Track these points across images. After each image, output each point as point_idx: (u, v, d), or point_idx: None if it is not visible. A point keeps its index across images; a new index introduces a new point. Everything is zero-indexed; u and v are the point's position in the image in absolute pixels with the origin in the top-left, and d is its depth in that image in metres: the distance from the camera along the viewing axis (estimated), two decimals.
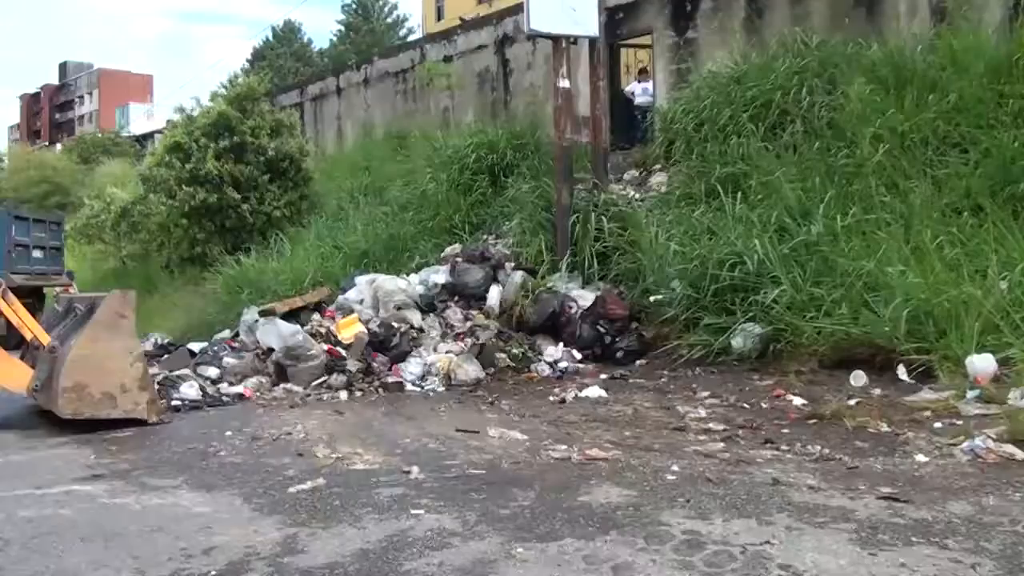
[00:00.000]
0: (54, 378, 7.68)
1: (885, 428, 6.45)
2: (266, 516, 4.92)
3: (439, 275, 11.23)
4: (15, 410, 8.91)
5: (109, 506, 5.32)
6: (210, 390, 9.13)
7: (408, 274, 11.89)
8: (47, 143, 75.66)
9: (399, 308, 10.49)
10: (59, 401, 7.55)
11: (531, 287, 10.94)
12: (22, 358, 8.28)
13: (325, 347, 9.55)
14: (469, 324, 10.52)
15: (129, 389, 7.72)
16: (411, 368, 9.58)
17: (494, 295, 11.00)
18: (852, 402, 7.22)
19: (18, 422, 8.24)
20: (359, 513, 4.87)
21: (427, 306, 10.82)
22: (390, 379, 9.39)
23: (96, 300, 8.32)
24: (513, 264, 11.54)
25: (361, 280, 11.37)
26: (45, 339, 8.05)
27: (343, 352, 9.60)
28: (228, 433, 7.30)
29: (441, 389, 9.21)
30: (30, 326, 8.08)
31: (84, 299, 8.87)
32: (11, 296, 8.00)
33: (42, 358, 7.96)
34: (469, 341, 10.13)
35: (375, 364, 9.59)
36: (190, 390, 8.99)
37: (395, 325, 10.12)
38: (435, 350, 9.97)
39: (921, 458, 5.66)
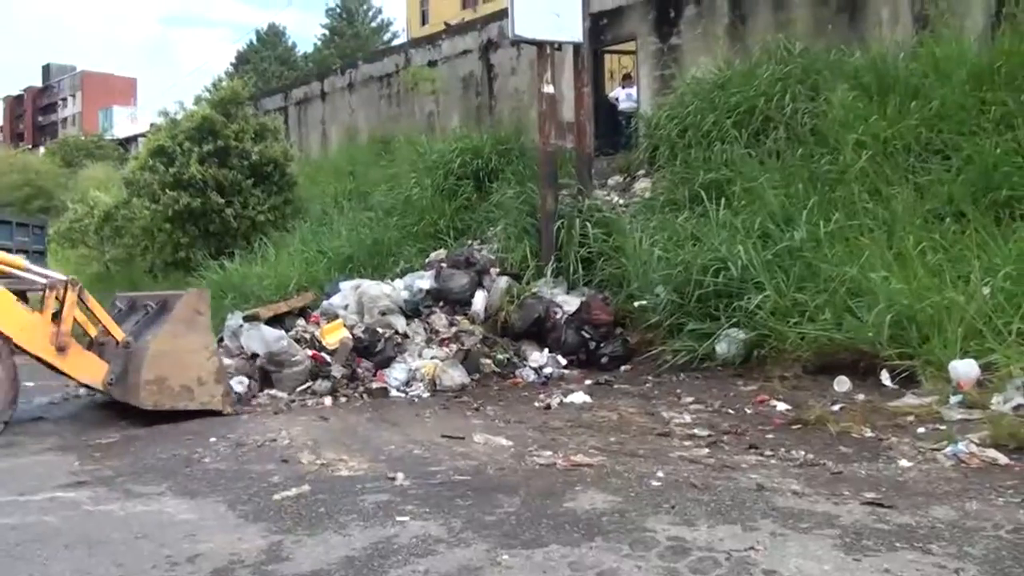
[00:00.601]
0: (133, 372, 8.01)
1: (869, 433, 6.48)
2: (251, 523, 4.90)
3: (424, 280, 11.22)
4: None
5: (93, 513, 5.29)
6: None
7: (393, 279, 11.87)
8: (30, 146, 75.25)
9: (384, 313, 10.47)
10: (141, 393, 7.91)
11: (516, 293, 10.95)
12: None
13: (310, 353, 9.52)
14: (454, 330, 10.52)
15: (206, 382, 8.17)
16: (396, 374, 9.56)
17: (479, 301, 10.99)
18: (836, 407, 7.25)
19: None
20: (344, 520, 4.85)
21: (412, 311, 10.80)
22: (375, 385, 9.36)
23: (168, 298, 8.76)
24: (498, 270, 11.55)
25: (346, 285, 11.35)
26: (119, 335, 8.30)
27: (328, 358, 9.57)
28: (212, 439, 7.26)
29: (426, 395, 9.20)
30: (104, 322, 8.34)
31: (152, 297, 9.24)
32: (87, 294, 8.24)
33: (116, 353, 8.24)
34: (454, 347, 10.12)
35: (360, 370, 9.57)
36: None
37: (380, 331, 10.11)
38: (420, 356, 9.95)
39: (904, 463, 5.69)
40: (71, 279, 8.18)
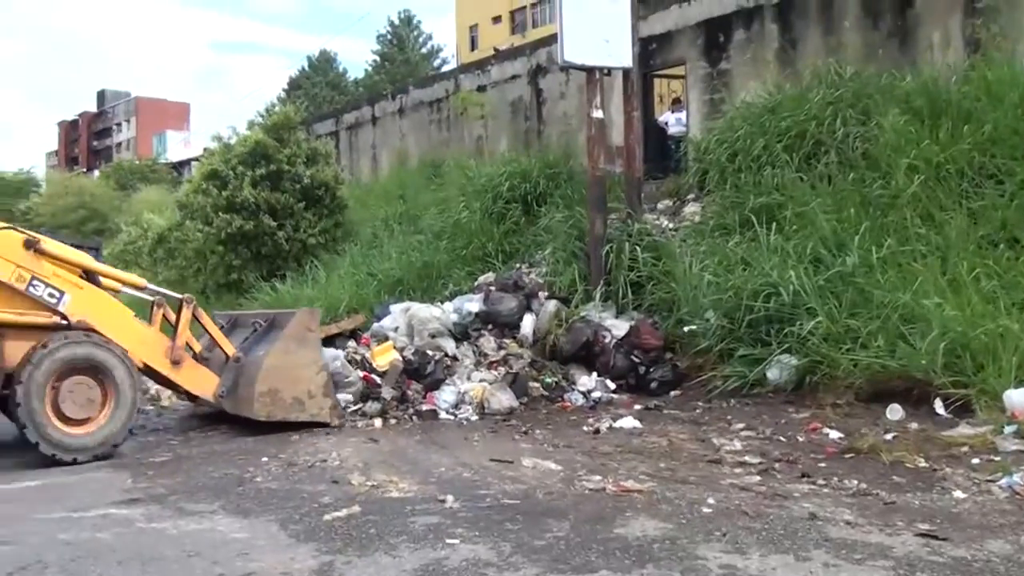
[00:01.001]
0: (245, 385, 8.52)
1: (922, 463, 6.40)
2: (302, 543, 4.95)
3: (473, 303, 11.26)
4: None
5: (146, 530, 5.38)
6: None
7: (442, 302, 11.94)
8: (85, 169, 76.74)
9: (433, 336, 10.54)
10: (255, 405, 8.42)
11: (564, 316, 10.95)
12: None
13: (361, 374, 9.60)
14: (503, 353, 10.55)
15: (315, 395, 8.67)
16: (445, 396, 9.60)
17: (527, 324, 11.01)
18: (889, 436, 7.16)
19: None
20: (395, 542, 4.89)
21: (461, 334, 10.85)
22: (424, 407, 9.41)
23: (277, 316, 9.35)
24: (547, 293, 11.57)
25: (396, 308, 11.44)
26: (231, 350, 8.76)
27: (378, 379, 9.65)
28: (264, 459, 7.36)
29: (474, 418, 9.23)
30: (217, 338, 8.79)
31: (258, 315, 9.81)
32: (200, 311, 8.68)
33: (228, 367, 8.69)
34: (503, 370, 10.15)
35: (410, 392, 9.64)
36: None
37: (430, 353, 10.17)
38: (469, 378, 9.99)
39: (959, 494, 5.61)
40: (186, 297, 8.65)
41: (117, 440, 7.85)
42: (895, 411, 7.75)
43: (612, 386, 10.18)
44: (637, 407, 9.41)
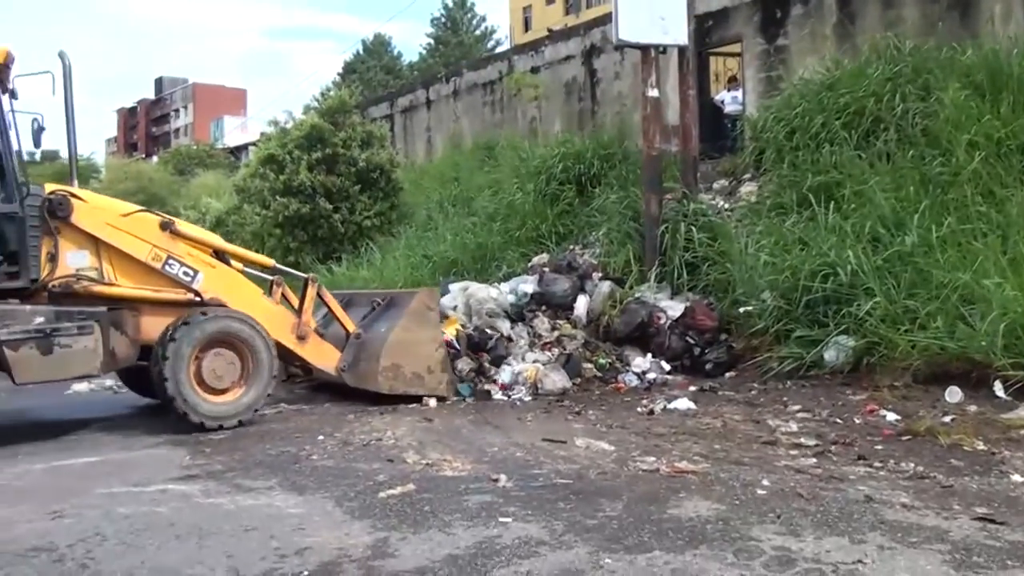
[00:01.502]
0: (367, 359, 9.10)
1: (981, 446, 6.30)
2: (357, 519, 5.02)
3: (528, 284, 11.27)
4: (115, 411, 9.28)
5: (204, 505, 5.49)
6: None
7: (497, 283, 11.96)
8: (144, 155, 77.90)
9: (490, 316, 10.58)
10: (378, 379, 9.00)
11: (619, 297, 10.93)
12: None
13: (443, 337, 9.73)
14: (556, 334, 10.55)
15: (434, 371, 9.19)
16: (501, 377, 9.66)
17: (581, 305, 11.00)
18: (947, 419, 7.06)
19: (120, 423, 8.56)
20: (448, 519, 4.94)
21: (516, 315, 10.88)
22: (497, 377, 9.63)
23: (395, 296, 9.94)
24: (600, 274, 11.53)
25: (454, 287, 11.48)
26: (352, 327, 9.30)
27: (456, 344, 9.89)
28: (320, 437, 7.47)
29: (528, 398, 9.27)
30: (340, 316, 9.34)
31: (377, 294, 10.26)
32: (324, 289, 9.30)
33: (349, 343, 9.23)
34: (556, 351, 10.16)
35: (486, 364, 9.82)
36: None
37: (489, 331, 10.25)
38: (523, 359, 10.02)
39: (1017, 478, 5.52)
40: (311, 276, 9.24)
41: (256, 407, 8.32)
42: (954, 393, 7.63)
43: (667, 367, 10.14)
44: (692, 388, 9.37)
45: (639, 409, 8.47)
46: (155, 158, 63.72)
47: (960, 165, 9.76)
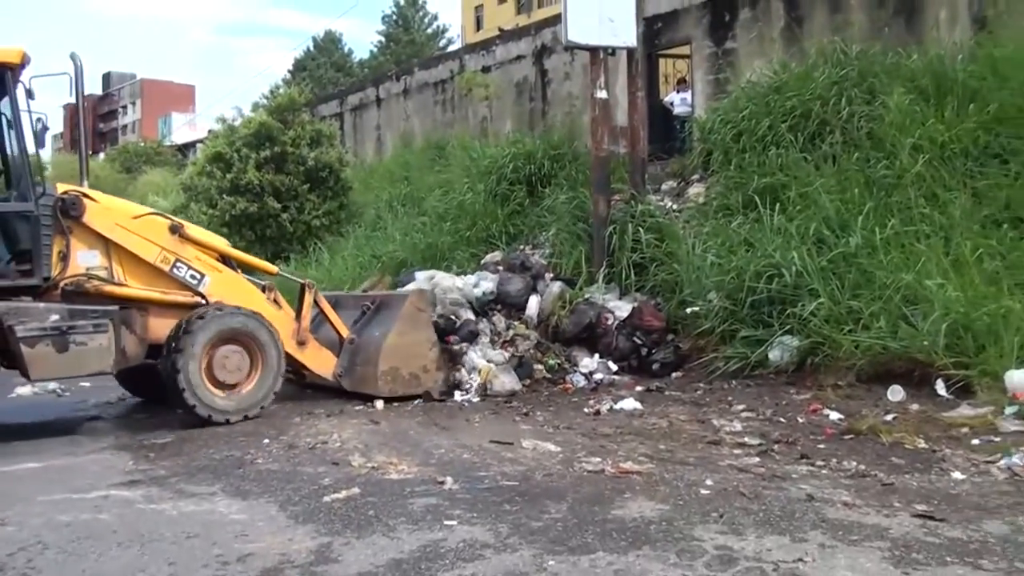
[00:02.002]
0: (364, 364, 9.25)
1: (922, 444, 6.41)
2: (301, 524, 4.97)
3: (488, 282, 11.20)
4: (59, 415, 9.11)
5: (146, 511, 5.41)
6: None
7: (462, 275, 11.89)
8: (90, 152, 76.60)
9: (453, 305, 10.53)
10: (378, 383, 9.09)
11: (568, 298, 10.94)
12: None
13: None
14: (511, 332, 10.53)
15: (429, 370, 9.36)
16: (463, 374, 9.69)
17: (533, 305, 10.99)
18: (889, 417, 7.17)
19: (63, 428, 8.41)
20: (393, 523, 4.91)
21: (480, 309, 10.84)
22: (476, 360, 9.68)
23: (384, 299, 10.05)
24: (552, 275, 11.54)
25: (421, 275, 11.39)
26: (345, 332, 9.45)
27: None
28: (265, 441, 7.39)
29: (476, 399, 9.24)
30: (333, 321, 9.46)
31: (364, 297, 10.42)
32: (319, 295, 9.42)
33: (344, 349, 9.40)
34: (511, 350, 10.15)
35: (455, 347, 9.81)
36: None
37: (453, 317, 10.26)
38: (486, 353, 9.99)
39: (957, 475, 5.62)
40: (308, 282, 9.39)
41: (264, 403, 8.48)
42: (896, 392, 7.75)
43: (614, 368, 10.17)
44: (638, 388, 9.41)
45: (586, 410, 8.49)
46: (102, 155, 62.73)
47: (904, 168, 9.91)
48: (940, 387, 7.54)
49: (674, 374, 9.97)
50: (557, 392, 9.54)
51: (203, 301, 8.51)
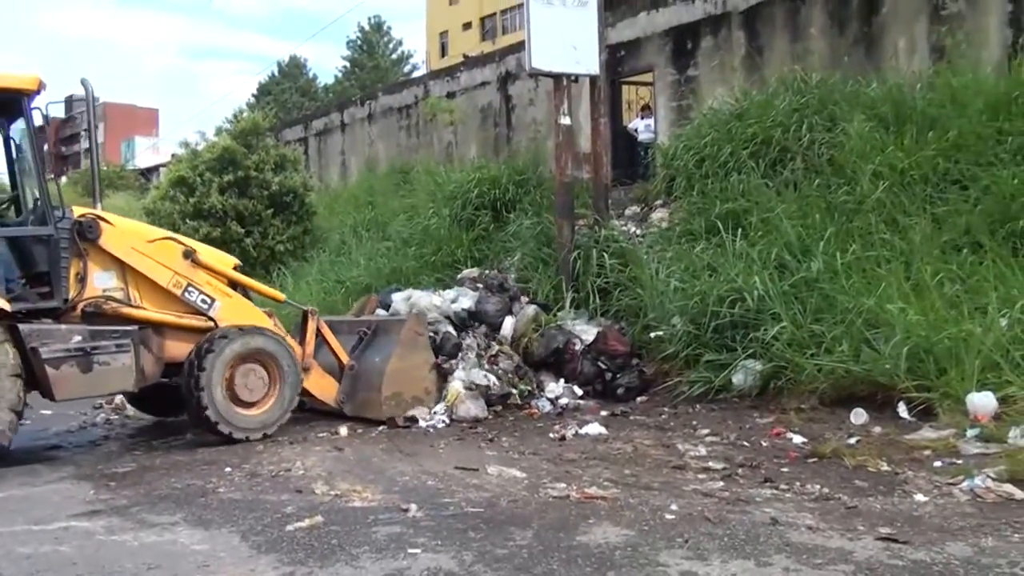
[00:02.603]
0: (366, 390, 9.42)
1: (885, 467, 6.44)
2: (263, 554, 4.91)
3: (467, 299, 11.12)
4: (16, 444, 8.93)
5: (106, 543, 5.32)
6: None
7: (440, 291, 11.80)
8: (52, 176, 75.77)
9: (432, 323, 10.45)
10: (382, 408, 9.23)
11: (542, 321, 10.92)
12: None
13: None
14: (496, 348, 10.51)
15: (431, 391, 9.55)
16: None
17: (508, 326, 10.92)
18: (852, 440, 7.21)
19: (20, 457, 8.24)
20: (356, 552, 4.85)
21: (460, 324, 10.80)
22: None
23: (380, 323, 10.07)
24: (528, 298, 11.52)
25: (397, 297, 11.29)
26: (345, 358, 9.59)
27: None
28: (227, 469, 7.30)
29: (441, 425, 9.18)
30: (335, 347, 9.59)
31: (359, 323, 10.34)
32: (322, 322, 9.58)
33: (345, 375, 9.57)
34: (495, 367, 10.16)
35: (444, 365, 9.85)
36: None
37: (433, 334, 10.21)
38: (472, 370, 10.00)
39: (920, 498, 5.65)
40: (311, 309, 9.59)
41: (282, 421, 8.72)
42: (859, 415, 7.81)
43: (579, 392, 10.16)
44: (603, 413, 9.41)
45: (551, 435, 8.46)
46: (64, 179, 62.13)
47: (864, 194, 10.03)
48: (902, 410, 7.61)
49: (639, 398, 9.99)
50: (523, 417, 9.50)
51: (214, 325, 8.69)
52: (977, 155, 9.79)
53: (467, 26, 58.88)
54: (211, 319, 8.74)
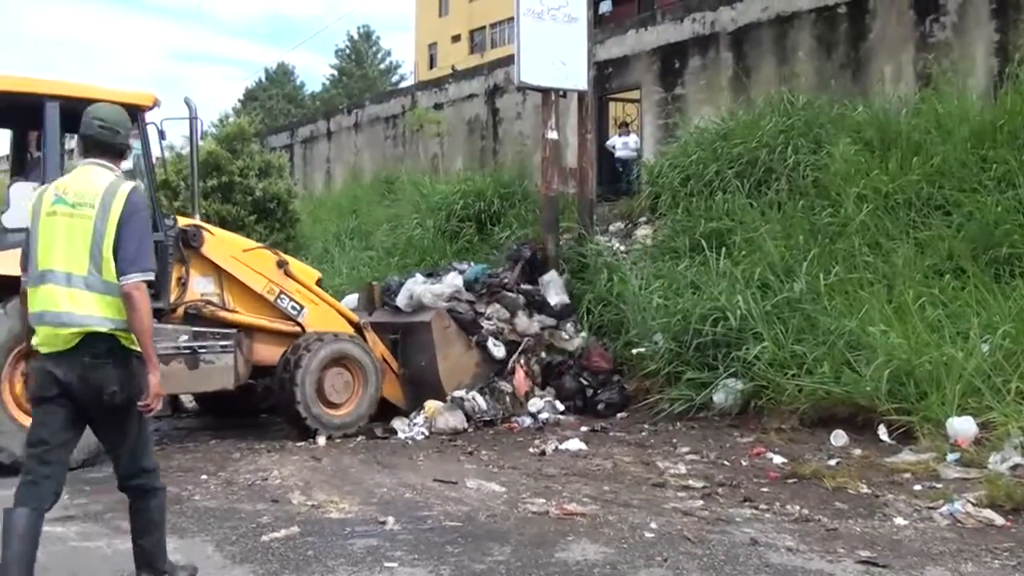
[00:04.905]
0: (431, 392, 9.81)
1: (865, 489, 6.43)
2: (237, 564, 4.86)
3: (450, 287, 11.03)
4: None
5: (79, 549, 5.26)
6: None
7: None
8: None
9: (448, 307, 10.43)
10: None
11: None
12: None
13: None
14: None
15: (480, 369, 10.13)
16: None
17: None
18: (832, 462, 7.20)
19: None
20: (332, 564, 4.80)
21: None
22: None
23: (404, 327, 10.31)
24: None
25: (401, 297, 11.02)
26: (395, 365, 10.09)
27: None
28: (203, 477, 7.23)
29: (420, 437, 9.13)
30: (385, 356, 9.96)
31: (389, 326, 10.48)
32: (372, 332, 9.91)
33: (401, 381, 10.10)
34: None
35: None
36: None
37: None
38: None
39: (900, 521, 5.64)
40: (364, 322, 9.90)
41: (364, 420, 9.27)
42: (839, 437, 7.81)
43: (560, 407, 10.12)
44: (584, 429, 9.37)
45: (531, 449, 8.42)
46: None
47: (848, 216, 10.07)
48: (883, 432, 7.61)
49: (619, 415, 9.95)
50: (503, 431, 9.46)
51: (302, 330, 9.21)
52: (961, 181, 9.84)
53: (456, 38, 58.88)
54: (299, 324, 9.24)
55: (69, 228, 4.01)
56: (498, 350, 10.21)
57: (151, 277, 4.14)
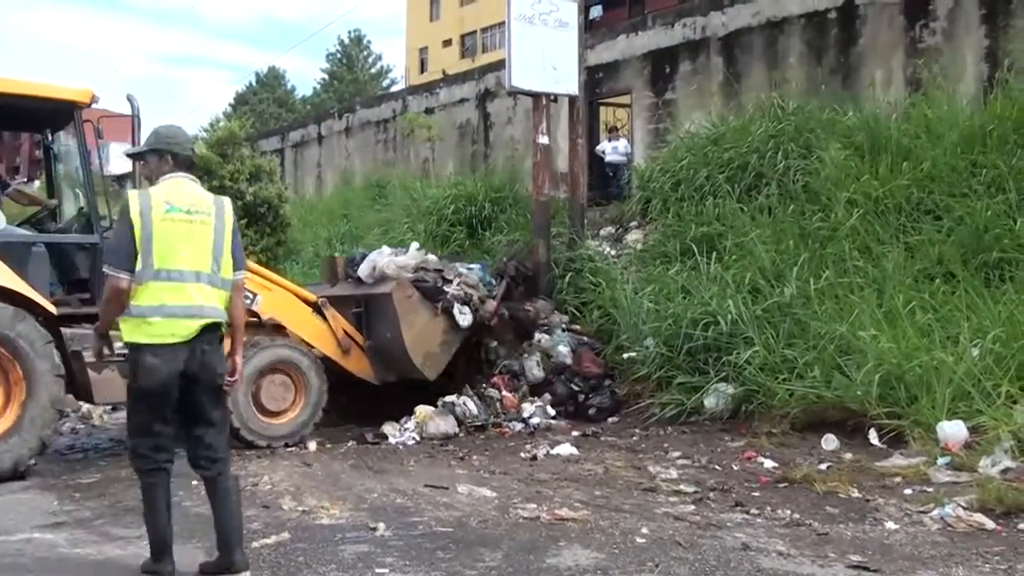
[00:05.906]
0: (400, 361, 9.72)
1: (855, 493, 6.44)
2: None
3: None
4: None
5: (69, 556, 5.23)
6: None
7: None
8: (26, 179, 75.19)
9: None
10: (423, 372, 9.69)
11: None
12: None
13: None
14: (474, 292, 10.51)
15: (448, 337, 9.89)
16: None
17: None
18: (823, 466, 7.21)
19: None
20: (323, 570, 4.79)
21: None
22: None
23: (366, 299, 10.00)
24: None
25: (363, 268, 11.05)
26: (359, 338, 9.83)
27: None
28: (194, 482, 7.12)
29: (411, 442, 9.12)
30: (348, 330, 9.74)
31: (350, 301, 10.14)
32: (331, 308, 9.65)
33: (368, 355, 9.86)
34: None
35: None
36: None
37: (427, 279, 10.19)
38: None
39: (891, 525, 5.65)
40: (321, 300, 9.62)
41: (306, 430, 8.97)
42: (830, 441, 7.83)
43: (551, 412, 10.11)
44: (575, 434, 9.36)
45: (522, 454, 8.41)
46: (37, 183, 61.59)
47: (839, 221, 10.09)
48: (873, 437, 7.62)
49: (610, 419, 9.94)
50: (494, 436, 9.45)
51: (255, 319, 8.81)
52: (951, 186, 9.87)
53: (447, 43, 58.89)
54: (254, 313, 8.84)
55: (190, 233, 4.56)
56: (464, 318, 9.99)
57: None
